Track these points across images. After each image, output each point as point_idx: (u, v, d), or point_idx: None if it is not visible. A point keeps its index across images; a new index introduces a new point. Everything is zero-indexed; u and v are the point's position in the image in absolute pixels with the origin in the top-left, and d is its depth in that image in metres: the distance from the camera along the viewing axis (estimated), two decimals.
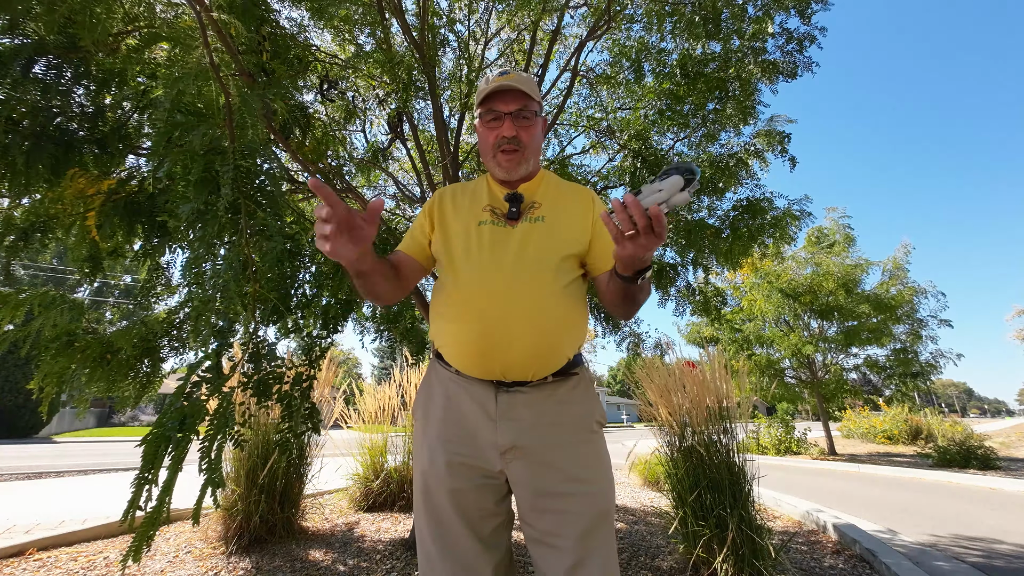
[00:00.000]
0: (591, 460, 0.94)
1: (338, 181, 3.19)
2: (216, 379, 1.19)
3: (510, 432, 0.91)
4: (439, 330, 1.01)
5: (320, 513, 3.73)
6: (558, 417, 0.94)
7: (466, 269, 0.96)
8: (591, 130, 4.22)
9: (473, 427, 0.93)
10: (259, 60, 2.09)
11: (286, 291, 1.65)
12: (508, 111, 0.99)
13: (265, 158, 1.50)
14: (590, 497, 0.90)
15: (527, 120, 1.00)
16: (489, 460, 0.92)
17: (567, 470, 0.91)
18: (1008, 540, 3.43)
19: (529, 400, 0.94)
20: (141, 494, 1.00)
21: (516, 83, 0.98)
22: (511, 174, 1.03)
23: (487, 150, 1.03)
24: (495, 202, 1.05)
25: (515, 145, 1.00)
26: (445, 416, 0.97)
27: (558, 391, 0.96)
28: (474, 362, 0.94)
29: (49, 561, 2.56)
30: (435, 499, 0.92)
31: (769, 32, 3.34)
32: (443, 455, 0.93)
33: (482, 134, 1.04)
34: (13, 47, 1.60)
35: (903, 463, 8.59)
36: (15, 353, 12.80)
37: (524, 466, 0.91)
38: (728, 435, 2.62)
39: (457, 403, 0.96)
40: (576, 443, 0.94)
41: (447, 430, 0.95)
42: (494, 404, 0.93)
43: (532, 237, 0.98)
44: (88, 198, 1.82)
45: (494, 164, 1.03)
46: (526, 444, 0.91)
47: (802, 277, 10.31)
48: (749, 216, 3.62)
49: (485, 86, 1.01)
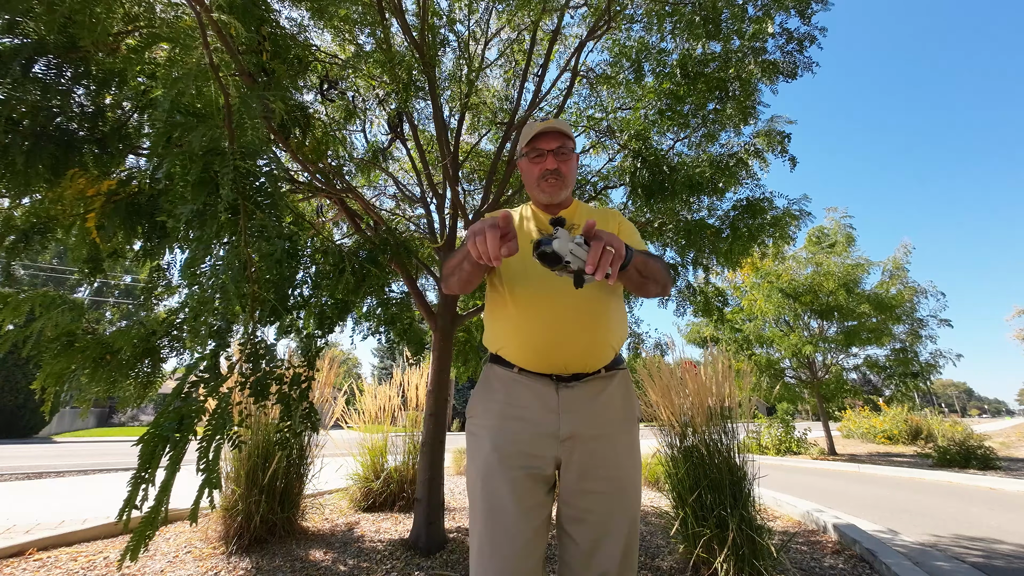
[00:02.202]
0: (629, 450, 1.12)
1: (338, 181, 3.19)
2: (214, 379, 1.19)
3: (570, 422, 1.07)
4: (502, 333, 1.18)
5: (320, 513, 3.73)
6: (606, 410, 1.11)
7: (524, 283, 1.14)
8: (591, 130, 4.22)
9: (535, 418, 1.08)
10: (259, 60, 2.09)
11: (284, 292, 1.64)
12: (550, 148, 1.20)
13: (265, 159, 1.49)
14: (624, 481, 1.08)
15: (565, 155, 1.22)
16: (548, 448, 1.06)
17: (610, 457, 1.08)
18: (1008, 540, 3.42)
19: (584, 394, 1.10)
20: (137, 493, 1.00)
21: (556, 126, 1.21)
22: (553, 198, 1.23)
23: (532, 181, 1.24)
24: (541, 225, 1.25)
25: (556, 176, 1.21)
26: (506, 411, 1.10)
27: (607, 387, 1.13)
28: (540, 358, 1.10)
29: (49, 561, 2.56)
30: (494, 484, 1.03)
31: (769, 32, 3.34)
32: (506, 444, 1.06)
33: (528, 168, 1.25)
34: (13, 47, 1.59)
35: (903, 463, 8.59)
36: (15, 353, 12.76)
37: (577, 451, 1.06)
38: (729, 435, 2.62)
39: (518, 398, 1.10)
40: (619, 433, 1.11)
41: (509, 423, 1.08)
42: (555, 398, 1.09)
43: None
44: (88, 198, 1.82)
45: (539, 191, 1.23)
46: (581, 432, 1.07)
47: (802, 277, 10.31)
48: (749, 216, 3.61)
49: (530, 129, 1.23)
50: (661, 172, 3.38)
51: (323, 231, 3.44)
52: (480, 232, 0.84)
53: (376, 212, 3.59)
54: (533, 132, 1.22)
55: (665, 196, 3.44)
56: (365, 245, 2.67)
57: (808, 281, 10.13)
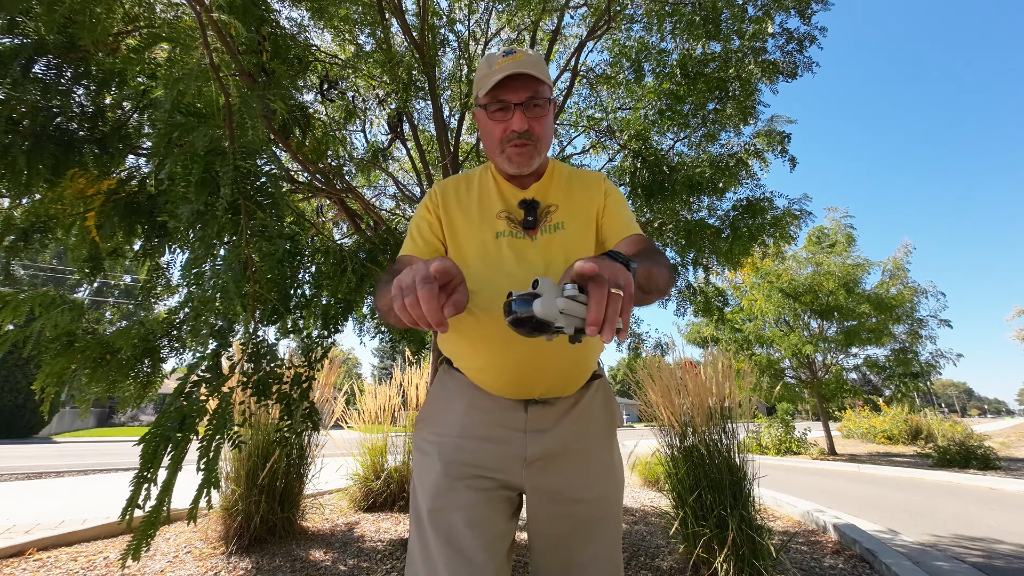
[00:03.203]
0: (609, 468, 0.95)
1: (338, 181, 3.19)
2: (215, 379, 1.19)
3: (539, 443, 0.89)
4: (460, 351, 0.95)
5: (320, 513, 3.73)
6: (583, 425, 0.93)
7: (489, 291, 0.86)
8: (591, 130, 4.22)
9: (499, 438, 0.89)
10: (259, 60, 2.09)
11: (285, 291, 1.65)
12: (518, 101, 0.86)
13: (265, 159, 1.49)
14: (603, 502, 0.91)
15: (539, 109, 0.88)
16: (513, 472, 0.88)
17: (586, 477, 0.91)
18: (1008, 540, 3.43)
19: (557, 411, 0.91)
20: (140, 493, 1.00)
21: (526, 67, 0.84)
22: (522, 169, 0.92)
23: (493, 145, 0.92)
24: (509, 208, 0.95)
25: (526, 139, 0.89)
26: (465, 427, 0.91)
27: (582, 398, 0.95)
28: (506, 389, 0.90)
29: (49, 561, 2.56)
30: (448, 513, 0.83)
31: (769, 32, 3.35)
32: (460, 465, 0.87)
33: (487, 126, 0.91)
34: (13, 47, 1.60)
35: (903, 463, 8.59)
36: (15, 353, 12.78)
37: (548, 474, 0.89)
38: (729, 435, 2.62)
39: (482, 412, 0.91)
40: (596, 449, 0.94)
41: (467, 443, 0.89)
42: (524, 416, 0.90)
43: (554, 249, 0.91)
44: (88, 198, 1.82)
45: (503, 159, 0.92)
46: (553, 453, 0.89)
47: (802, 277, 10.32)
48: (749, 216, 3.62)
49: (489, 71, 0.87)
50: (661, 172, 3.39)
51: (323, 231, 3.44)
52: (410, 291, 0.55)
53: (376, 212, 3.59)
54: (494, 76, 0.85)
55: (665, 196, 3.44)
56: (365, 245, 2.67)
57: (808, 281, 10.14)
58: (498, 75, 0.85)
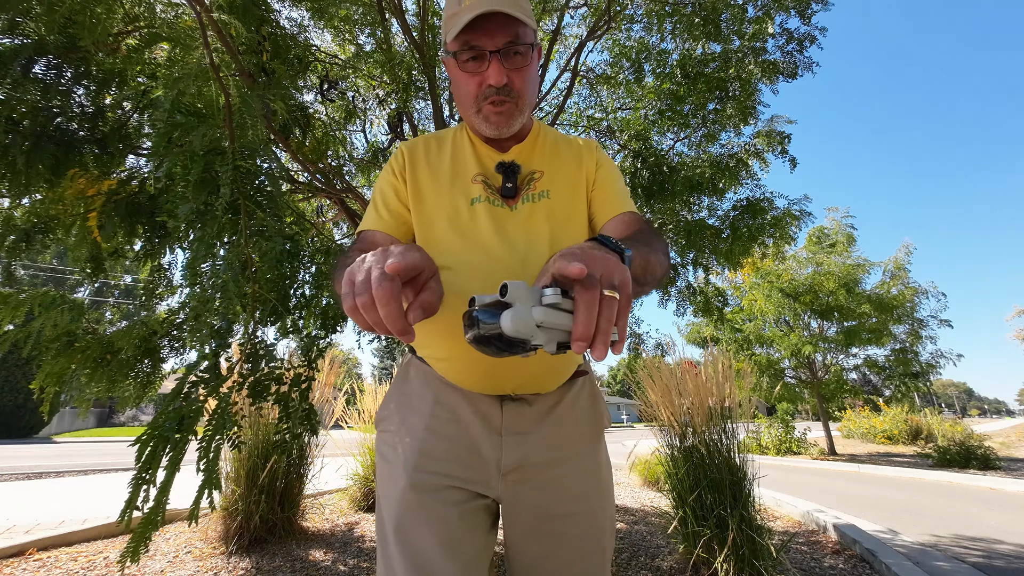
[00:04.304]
0: (596, 476, 0.83)
1: (338, 181, 3.19)
2: (214, 379, 1.19)
3: (517, 448, 0.76)
4: (422, 339, 0.80)
5: (320, 513, 3.73)
6: (567, 429, 0.81)
7: (463, 266, 0.74)
8: (591, 130, 4.22)
9: (473, 440, 0.76)
10: (259, 60, 2.09)
11: (285, 292, 1.65)
12: (494, 48, 0.70)
13: (265, 158, 1.50)
14: (590, 516, 0.80)
15: (520, 57, 0.72)
16: (488, 481, 0.76)
17: (571, 488, 0.79)
18: (1008, 540, 3.42)
19: (537, 410, 0.79)
20: (138, 494, 1.00)
21: (500, 4, 0.67)
22: (502, 131, 0.77)
23: (468, 102, 0.76)
24: (486, 172, 0.81)
25: (505, 96, 0.73)
26: (432, 426, 0.77)
27: (566, 396, 0.82)
28: (476, 383, 0.77)
29: (49, 561, 2.56)
30: (416, 532, 0.70)
31: (769, 32, 3.35)
32: (429, 475, 0.73)
33: (459, 79, 0.75)
34: (13, 47, 1.60)
35: (903, 463, 8.59)
36: (15, 353, 12.81)
37: (528, 487, 0.77)
38: (729, 435, 2.62)
39: (452, 410, 0.77)
40: (582, 456, 0.82)
41: (435, 445, 0.75)
42: (499, 414, 0.77)
43: (537, 220, 0.79)
44: (88, 198, 1.82)
45: (479, 119, 0.77)
46: (533, 462, 0.77)
47: (802, 277, 10.32)
48: (749, 216, 3.62)
49: (458, 7, 0.70)
50: (661, 172, 3.39)
51: (323, 231, 3.45)
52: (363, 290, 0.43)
53: None
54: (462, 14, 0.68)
55: (665, 196, 3.44)
56: None
57: (808, 281, 10.13)
58: (468, 14, 0.67)
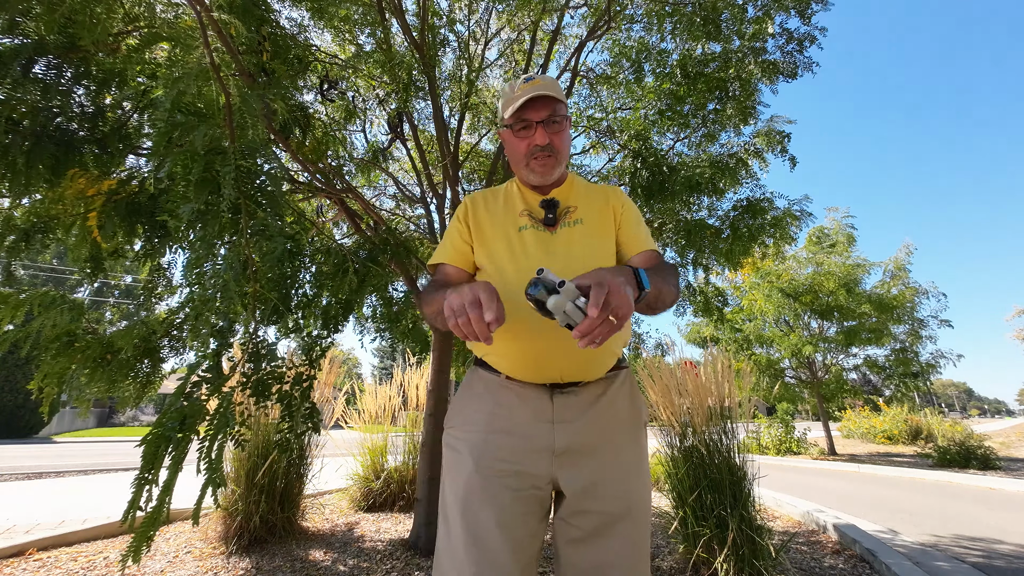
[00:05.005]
0: (637, 464, 0.98)
1: (338, 181, 3.19)
2: (216, 379, 1.19)
3: (566, 434, 0.93)
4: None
5: (320, 513, 3.73)
6: (609, 418, 0.97)
7: (513, 275, 0.96)
8: (591, 130, 4.22)
9: (527, 432, 0.93)
10: (259, 60, 2.09)
11: (286, 291, 1.65)
12: (539, 119, 0.98)
13: (265, 158, 1.49)
14: (630, 502, 0.92)
15: (557, 125, 1.00)
16: (542, 465, 0.91)
17: (614, 472, 0.93)
18: (1008, 540, 3.43)
19: (583, 401, 0.96)
20: (141, 494, 1.00)
21: (544, 89, 0.97)
22: (546, 179, 1.04)
23: (519, 159, 1.04)
24: (532, 208, 1.06)
25: (549, 152, 1.00)
26: (493, 423, 0.95)
27: (608, 390, 0.98)
28: (530, 370, 0.95)
29: (49, 561, 2.56)
30: (478, 510, 0.86)
31: (769, 32, 3.34)
32: (493, 462, 0.91)
33: (513, 143, 1.04)
34: (13, 47, 1.60)
35: (903, 463, 8.59)
36: (15, 353, 12.81)
37: (577, 467, 0.92)
38: (729, 435, 2.62)
39: (509, 408, 0.95)
40: (625, 444, 0.97)
41: (496, 438, 0.93)
42: (550, 407, 0.94)
43: (575, 239, 1.01)
44: (88, 198, 1.82)
45: (527, 171, 1.04)
46: (581, 445, 0.93)
47: (803, 277, 10.31)
48: (749, 216, 3.62)
49: (512, 95, 1.00)
50: (661, 172, 3.39)
51: (324, 231, 3.45)
52: (460, 312, 0.69)
53: (376, 212, 3.59)
54: (517, 99, 0.99)
55: (665, 196, 3.44)
56: (365, 245, 2.67)
57: (808, 281, 10.13)
58: (521, 98, 0.97)
